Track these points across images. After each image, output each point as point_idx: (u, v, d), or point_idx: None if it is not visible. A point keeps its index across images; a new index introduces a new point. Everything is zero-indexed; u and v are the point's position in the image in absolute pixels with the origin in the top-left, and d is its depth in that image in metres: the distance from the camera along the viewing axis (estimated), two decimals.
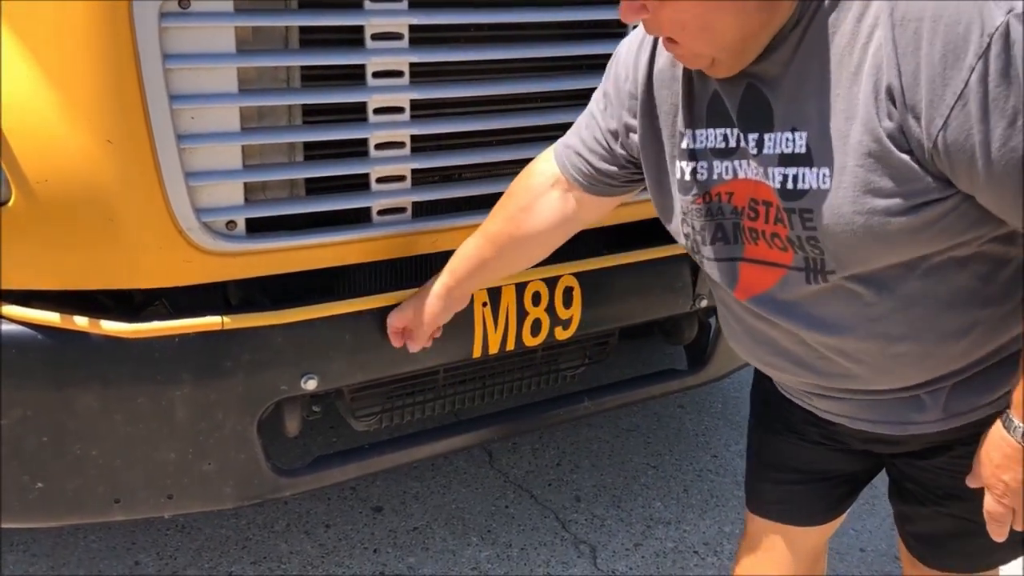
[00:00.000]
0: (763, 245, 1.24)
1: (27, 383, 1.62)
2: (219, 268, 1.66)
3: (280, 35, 1.63)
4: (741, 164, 1.23)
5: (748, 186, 1.23)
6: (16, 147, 1.53)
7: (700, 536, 2.66)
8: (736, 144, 1.23)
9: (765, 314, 1.29)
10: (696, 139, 1.28)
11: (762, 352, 1.38)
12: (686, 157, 1.30)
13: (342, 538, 2.58)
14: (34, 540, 2.50)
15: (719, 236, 1.30)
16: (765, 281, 1.27)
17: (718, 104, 1.24)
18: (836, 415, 1.41)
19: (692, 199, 1.31)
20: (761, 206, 1.21)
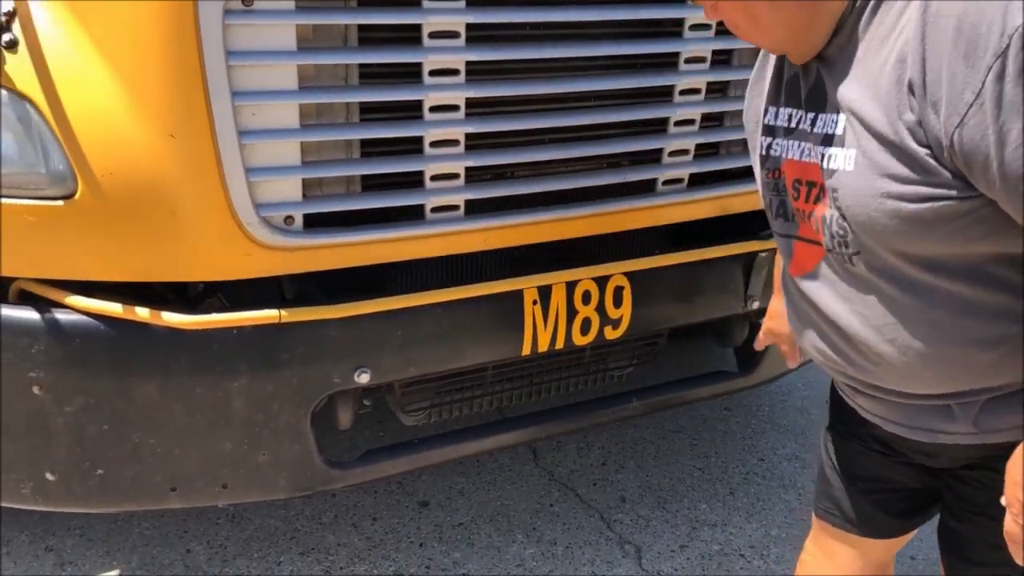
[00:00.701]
0: (805, 225, 1.29)
1: (90, 372, 1.67)
2: (277, 262, 1.69)
3: (339, 33, 1.66)
4: (793, 145, 1.30)
5: (796, 167, 1.29)
6: (83, 142, 1.57)
7: (746, 539, 2.64)
8: (796, 125, 1.29)
9: (810, 295, 1.33)
10: (778, 116, 1.35)
11: (810, 334, 1.39)
12: (765, 132, 1.38)
13: (389, 532, 2.60)
14: (90, 525, 2.56)
15: (781, 212, 1.36)
16: (811, 260, 1.31)
17: (795, 85, 1.30)
18: (872, 415, 1.40)
19: (766, 173, 1.38)
20: (804, 186, 1.27)
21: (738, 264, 2.16)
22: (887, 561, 1.73)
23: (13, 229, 1.62)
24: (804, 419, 3.29)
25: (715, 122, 2.08)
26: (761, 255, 2.17)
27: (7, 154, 1.62)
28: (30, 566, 2.41)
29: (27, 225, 1.62)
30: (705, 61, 1.95)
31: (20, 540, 2.51)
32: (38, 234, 1.63)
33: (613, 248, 2.10)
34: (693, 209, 2.10)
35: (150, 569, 2.42)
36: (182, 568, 2.43)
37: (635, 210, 2.01)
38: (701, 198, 2.09)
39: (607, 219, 1.99)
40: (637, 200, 2.01)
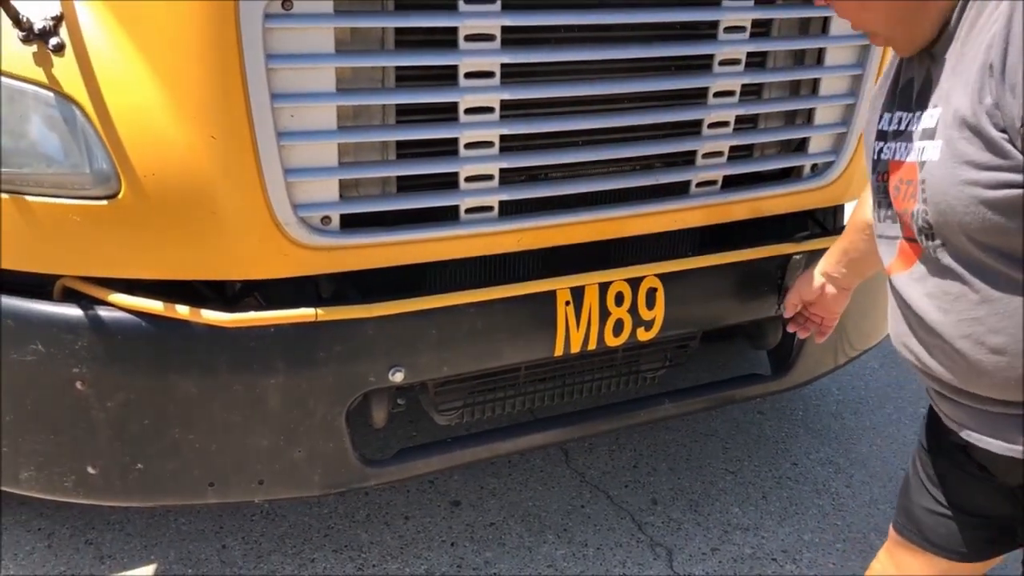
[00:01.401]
0: (906, 224, 1.30)
1: (131, 368, 1.70)
2: (314, 262, 1.71)
3: (376, 36, 1.68)
4: (901, 147, 1.31)
5: (899, 168, 1.31)
6: (126, 143, 1.60)
7: (778, 543, 2.63)
8: (904, 126, 1.31)
9: (902, 293, 1.34)
10: (889, 121, 1.37)
11: (904, 336, 1.39)
12: (879, 137, 1.39)
13: (421, 530, 2.62)
14: (129, 520, 2.60)
15: (888, 214, 1.37)
16: (911, 259, 1.32)
17: (908, 88, 1.33)
18: (952, 421, 1.38)
19: (876, 177, 1.40)
20: (904, 184, 1.28)
21: (772, 266, 2.16)
22: None
23: (58, 228, 1.66)
24: (838, 423, 3.27)
25: (749, 124, 2.07)
26: (795, 257, 2.16)
27: (53, 155, 1.66)
28: (71, 559, 2.46)
29: (72, 224, 1.66)
30: (740, 63, 1.95)
31: (61, 533, 2.56)
32: (82, 233, 1.66)
33: (646, 249, 2.10)
34: (727, 211, 2.09)
35: (187, 564, 2.46)
36: (218, 563, 2.46)
37: (668, 212, 2.01)
38: (735, 200, 2.08)
39: (640, 221, 2.00)
40: (671, 202, 2.01)
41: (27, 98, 1.62)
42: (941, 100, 1.20)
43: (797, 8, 1.97)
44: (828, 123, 2.13)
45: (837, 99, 2.10)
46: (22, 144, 1.67)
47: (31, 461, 1.78)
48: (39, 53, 1.59)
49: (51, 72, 1.59)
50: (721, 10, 1.88)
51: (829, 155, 2.17)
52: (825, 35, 2.02)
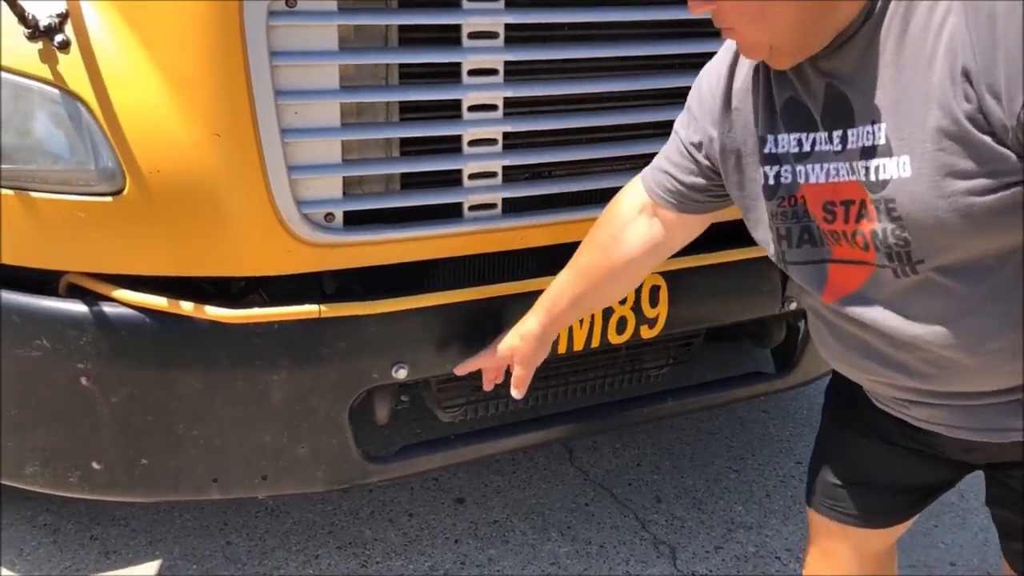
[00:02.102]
0: (846, 245, 1.24)
1: (135, 364, 1.71)
2: (317, 258, 1.72)
3: (380, 34, 1.68)
4: (813, 168, 1.25)
5: (823, 189, 1.24)
6: (131, 139, 1.61)
7: (782, 542, 2.63)
8: (812, 147, 1.24)
9: (854, 315, 1.28)
10: (778, 143, 1.30)
11: (853, 357, 1.37)
12: (769, 162, 1.32)
13: (424, 527, 2.63)
14: (134, 516, 2.62)
15: (806, 238, 1.31)
16: (854, 281, 1.27)
17: (794, 108, 1.26)
18: (933, 424, 1.38)
19: (778, 203, 1.32)
20: (839, 207, 1.22)
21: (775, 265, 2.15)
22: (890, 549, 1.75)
23: (63, 224, 1.67)
24: None
25: None
26: None
27: (59, 151, 1.67)
28: (76, 555, 2.48)
29: (77, 220, 1.66)
30: None
31: (66, 529, 2.57)
32: (87, 229, 1.67)
33: None
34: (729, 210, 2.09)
35: (191, 560, 2.47)
36: (222, 559, 2.47)
37: None
38: None
39: None
40: None
41: (32, 95, 1.63)
42: (884, 115, 1.13)
43: None
44: None
45: None
46: (28, 141, 1.68)
47: (36, 456, 1.79)
48: (44, 50, 1.60)
49: (56, 69, 1.60)
50: None
51: None
52: None
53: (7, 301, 1.73)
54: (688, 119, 1.46)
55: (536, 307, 1.74)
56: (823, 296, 1.32)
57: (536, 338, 1.74)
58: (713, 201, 1.51)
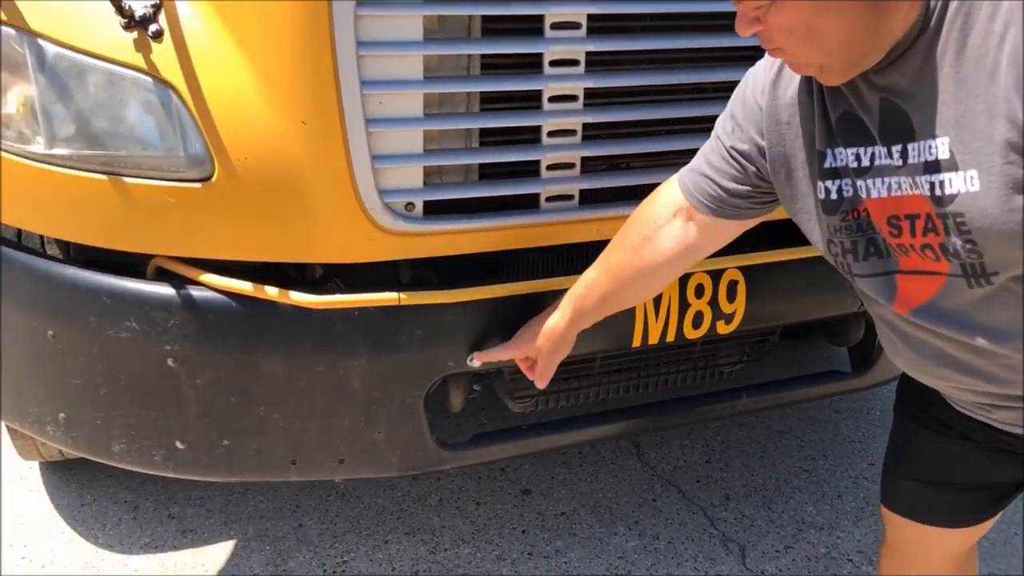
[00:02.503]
0: (915, 257, 1.23)
1: (220, 347, 1.75)
2: (397, 247, 1.74)
3: (463, 24, 1.69)
4: (875, 183, 1.23)
5: (886, 204, 1.22)
6: (220, 127, 1.65)
7: (854, 544, 2.58)
8: (871, 162, 1.22)
9: (929, 325, 1.26)
10: (836, 158, 1.28)
11: (930, 365, 1.34)
12: (830, 176, 1.30)
13: (492, 517, 2.64)
14: (209, 496, 2.68)
15: (872, 251, 1.29)
16: (926, 291, 1.25)
17: (850, 122, 1.24)
18: (1016, 425, 1.35)
19: (840, 217, 1.30)
20: (904, 221, 1.20)
21: None
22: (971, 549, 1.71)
23: (153, 209, 1.72)
24: None
25: None
26: None
27: (150, 138, 1.72)
28: (155, 531, 2.55)
29: (166, 205, 1.71)
30: None
31: (146, 506, 2.65)
32: (176, 215, 1.71)
33: None
34: None
35: (264, 540, 2.52)
36: (294, 541, 2.52)
37: None
38: None
39: None
40: None
41: (126, 83, 1.68)
42: (946, 129, 1.11)
43: None
44: None
45: None
46: (120, 128, 1.73)
47: (123, 434, 1.85)
48: (139, 40, 1.64)
49: (150, 58, 1.64)
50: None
51: None
52: None
53: (98, 282, 1.78)
54: (732, 125, 1.44)
55: (563, 304, 1.73)
56: (895, 307, 1.30)
57: (559, 336, 1.74)
58: (753, 208, 1.50)
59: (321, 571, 2.42)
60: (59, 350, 1.83)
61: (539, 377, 1.82)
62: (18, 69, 1.72)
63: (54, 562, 2.44)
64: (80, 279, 1.78)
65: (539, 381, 1.83)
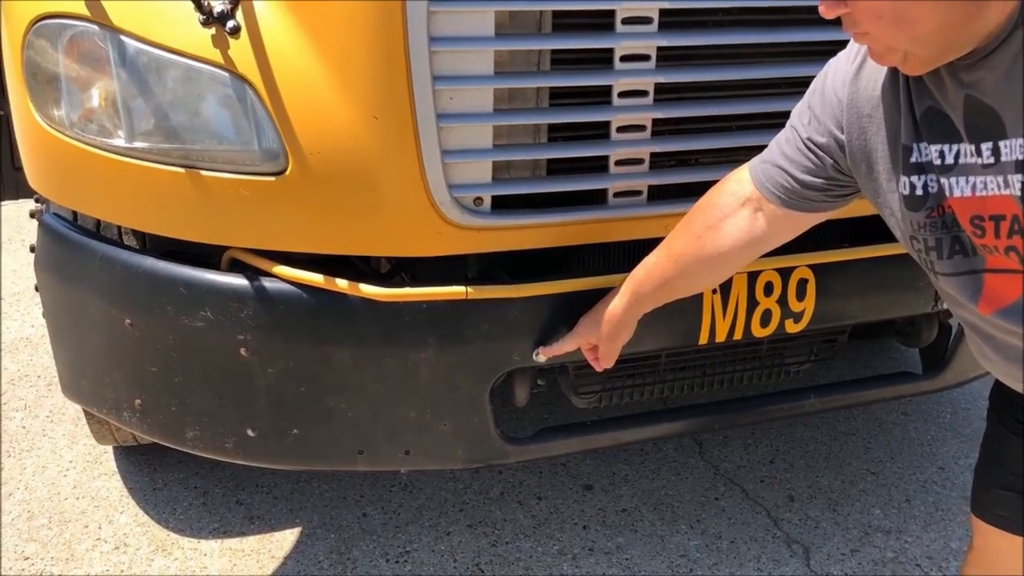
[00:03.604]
0: (1000, 258, 1.20)
1: (291, 337, 1.79)
2: (465, 241, 1.75)
3: (534, 19, 1.70)
4: (958, 181, 1.20)
5: (970, 203, 1.19)
6: (294, 122, 1.67)
7: (923, 549, 2.53)
8: (956, 160, 1.19)
9: (1013, 327, 1.23)
10: (922, 153, 1.25)
11: (1017, 370, 1.31)
12: (914, 171, 1.26)
13: (553, 512, 2.65)
14: (276, 484, 2.74)
15: (957, 249, 1.26)
16: (1012, 292, 1.21)
17: (937, 118, 1.21)
18: None
19: (926, 213, 1.27)
20: (988, 222, 1.17)
21: None
22: None
23: (228, 201, 1.76)
24: None
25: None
26: None
27: (225, 132, 1.76)
28: (223, 517, 2.61)
29: (240, 198, 1.75)
30: None
31: (214, 492, 2.71)
32: (250, 207, 1.75)
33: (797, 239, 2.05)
34: None
35: (329, 529, 2.56)
36: (358, 530, 2.56)
37: None
38: None
39: None
40: None
41: (203, 77, 1.72)
42: None
43: None
44: None
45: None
46: (196, 121, 1.77)
47: (197, 421, 1.90)
48: (216, 36, 1.68)
49: (227, 53, 1.68)
50: None
51: None
52: None
53: (175, 273, 1.83)
54: (809, 116, 1.41)
55: (622, 288, 1.72)
56: (979, 307, 1.27)
57: (618, 320, 1.73)
58: (826, 202, 1.47)
59: (384, 561, 2.45)
60: (136, 338, 1.88)
61: (601, 359, 1.82)
62: (101, 64, 1.77)
63: (127, 544, 2.51)
64: (158, 270, 1.83)
65: (601, 363, 1.83)
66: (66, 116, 1.83)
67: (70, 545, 2.50)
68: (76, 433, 2.98)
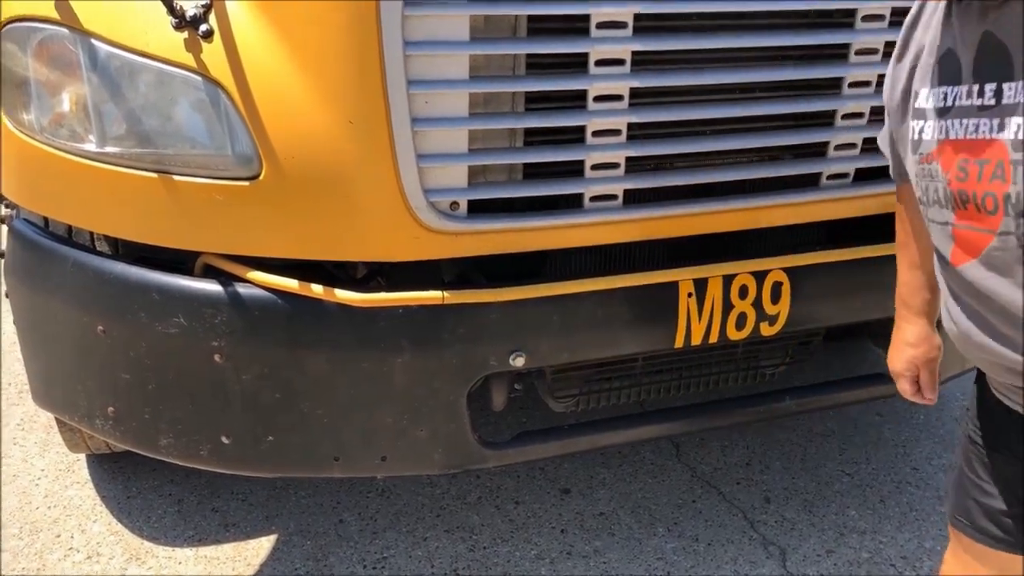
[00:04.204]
0: (972, 209, 1.21)
1: (266, 343, 1.77)
2: (442, 245, 1.75)
3: (509, 23, 1.69)
4: (953, 124, 1.22)
5: (960, 146, 1.21)
6: (268, 126, 1.66)
7: (898, 549, 2.55)
8: (954, 102, 1.22)
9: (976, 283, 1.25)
10: (927, 98, 1.28)
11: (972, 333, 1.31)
12: (917, 116, 1.30)
13: (531, 516, 2.64)
14: (251, 491, 2.71)
15: (936, 198, 1.29)
16: (974, 248, 1.23)
17: (948, 61, 1.23)
18: None
19: (918, 159, 1.31)
20: (973, 165, 1.19)
21: None
22: None
23: (201, 206, 1.74)
24: None
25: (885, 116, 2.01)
26: None
27: (199, 136, 1.74)
28: (198, 525, 2.58)
29: (214, 203, 1.73)
30: (877, 53, 1.89)
31: (189, 500, 2.68)
32: (224, 212, 1.74)
33: (771, 242, 2.07)
34: (858, 205, 2.04)
35: (305, 536, 2.54)
36: (335, 537, 2.54)
37: (797, 204, 1.97)
38: (866, 194, 2.02)
39: (767, 213, 1.96)
40: (800, 194, 1.97)
41: (176, 81, 1.71)
42: None
43: None
44: None
45: None
46: (169, 126, 1.75)
47: (171, 428, 1.88)
48: (189, 39, 1.66)
49: (200, 57, 1.67)
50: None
51: None
52: None
53: (147, 279, 1.81)
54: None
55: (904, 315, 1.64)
56: (951, 259, 1.29)
57: (925, 338, 1.62)
58: None
59: (361, 567, 2.43)
60: (109, 345, 1.86)
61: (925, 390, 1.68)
62: (71, 68, 1.75)
63: (99, 553, 2.48)
64: (130, 276, 1.81)
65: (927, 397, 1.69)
66: (36, 121, 1.81)
67: (41, 555, 2.47)
68: (48, 441, 2.94)
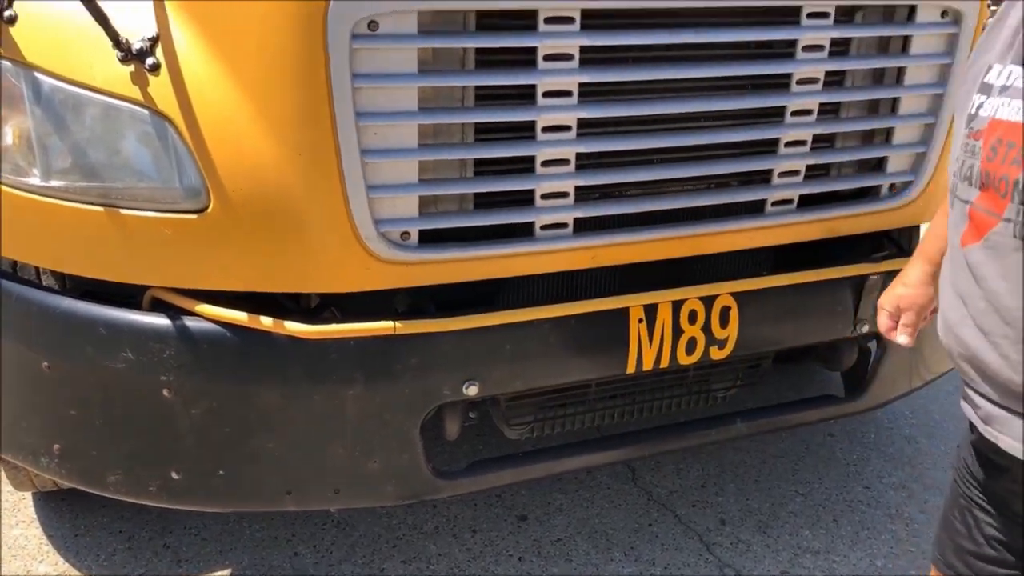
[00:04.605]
0: (991, 191, 1.22)
1: (215, 377, 1.76)
2: (394, 276, 1.75)
3: (458, 56, 1.71)
4: (1005, 103, 1.23)
5: (1002, 127, 1.22)
6: (215, 159, 1.66)
7: (850, 568, 2.58)
8: (1011, 82, 1.22)
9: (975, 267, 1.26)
10: (999, 74, 1.28)
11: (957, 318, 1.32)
12: (982, 91, 1.30)
13: (488, 544, 2.63)
14: (205, 526, 2.67)
15: (968, 176, 1.29)
16: (981, 231, 1.25)
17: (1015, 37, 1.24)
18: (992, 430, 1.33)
19: (967, 133, 1.30)
20: (1003, 146, 1.20)
21: (848, 287, 2.13)
22: None
23: (149, 240, 1.73)
24: (911, 448, 3.20)
25: (826, 143, 2.06)
26: (872, 278, 2.14)
27: (146, 170, 1.73)
28: (150, 562, 2.53)
29: (162, 237, 1.72)
30: (818, 82, 1.94)
31: (140, 536, 2.63)
32: (172, 245, 1.72)
33: (720, 268, 2.10)
34: (802, 230, 2.08)
35: (259, 569, 2.51)
36: (290, 569, 2.51)
37: (743, 230, 2.01)
38: (810, 219, 2.07)
39: (715, 239, 2.00)
40: (746, 220, 2.00)
41: (122, 115, 1.70)
42: None
43: (877, 27, 1.96)
44: (907, 142, 2.10)
45: (916, 118, 2.07)
46: (116, 159, 1.74)
47: (119, 465, 1.85)
48: (136, 72, 1.66)
49: (147, 91, 1.66)
50: (800, 29, 1.87)
51: (908, 175, 2.14)
52: (905, 54, 2.00)
53: (94, 313, 1.79)
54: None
55: (914, 259, 1.68)
56: (961, 240, 1.29)
57: (922, 283, 1.65)
58: None
59: None
60: (54, 381, 1.83)
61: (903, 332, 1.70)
62: (15, 102, 1.74)
63: None
64: (76, 310, 1.79)
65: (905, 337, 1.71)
66: None
67: None
68: None
